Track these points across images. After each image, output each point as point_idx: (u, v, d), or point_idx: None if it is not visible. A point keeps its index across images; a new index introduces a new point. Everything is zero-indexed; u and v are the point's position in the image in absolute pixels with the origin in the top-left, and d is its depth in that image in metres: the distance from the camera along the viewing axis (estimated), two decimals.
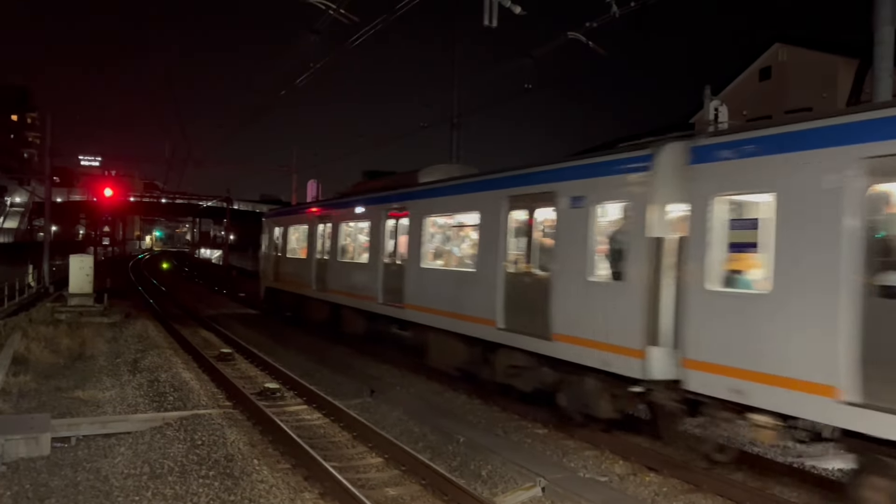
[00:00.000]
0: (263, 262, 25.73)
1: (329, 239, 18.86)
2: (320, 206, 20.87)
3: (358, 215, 17.59)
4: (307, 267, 19.98)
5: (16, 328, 18.56)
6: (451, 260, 13.69)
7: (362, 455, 9.19)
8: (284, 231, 23.26)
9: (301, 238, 21.67)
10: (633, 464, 8.91)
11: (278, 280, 23.35)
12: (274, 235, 24.49)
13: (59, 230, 75.84)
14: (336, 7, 13.34)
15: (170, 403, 11.51)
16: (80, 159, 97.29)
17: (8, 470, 7.91)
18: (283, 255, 23.17)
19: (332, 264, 18.36)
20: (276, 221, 24.77)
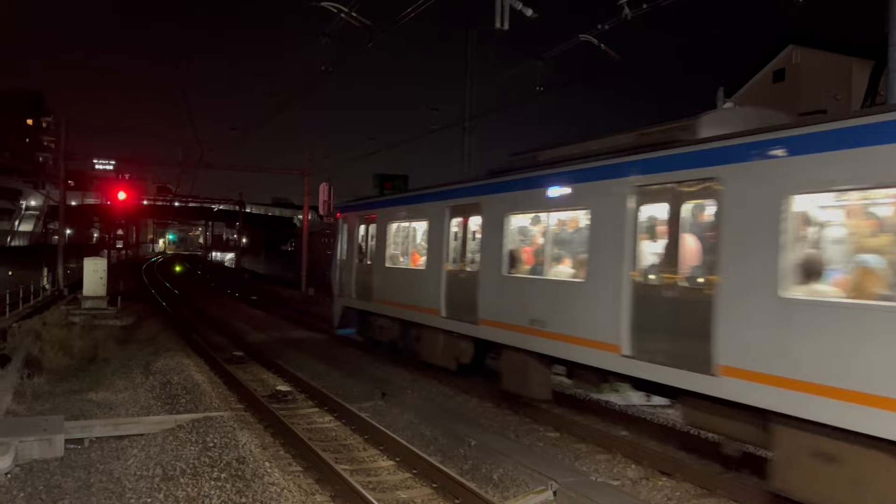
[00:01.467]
0: (340, 273, 18.59)
1: (484, 240, 12.20)
2: (463, 191, 13.30)
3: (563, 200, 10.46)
4: (426, 281, 13.83)
5: (30, 331, 18.72)
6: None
7: (374, 458, 9.18)
8: (380, 230, 16.40)
9: (414, 238, 15.34)
10: (646, 468, 8.85)
11: (368, 297, 16.55)
12: (357, 236, 17.73)
13: (74, 233, 76.48)
14: (347, 10, 13.38)
15: (182, 406, 11.55)
16: (94, 163, 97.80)
17: (21, 471, 7.96)
18: (376, 264, 16.48)
19: (490, 280, 11.79)
20: (362, 217, 17.62)
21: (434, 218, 13.69)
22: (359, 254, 17.53)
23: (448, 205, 13.19)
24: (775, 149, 7.00)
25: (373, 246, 16.78)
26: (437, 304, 13.19)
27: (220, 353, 17.31)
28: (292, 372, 14.60)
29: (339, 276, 18.65)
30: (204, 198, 75.87)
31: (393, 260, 15.88)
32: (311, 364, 16.15)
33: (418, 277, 14.30)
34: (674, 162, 8.29)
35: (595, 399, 12.29)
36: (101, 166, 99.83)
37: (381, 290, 15.95)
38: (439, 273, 13.27)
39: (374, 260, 16.51)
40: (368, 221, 17.12)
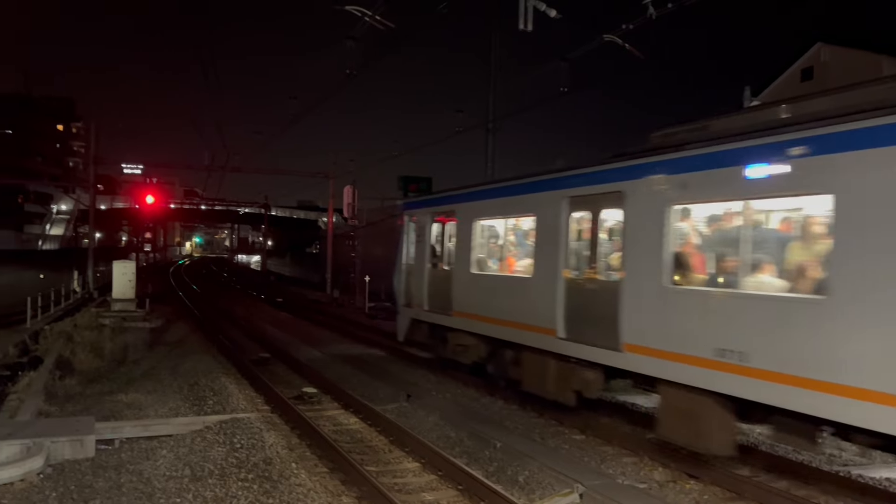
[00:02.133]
0: (406, 280, 15.89)
1: (629, 240, 9.24)
2: (595, 176, 10.20)
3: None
4: (531, 292, 11.22)
5: (62, 333, 19.05)
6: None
7: (399, 460, 9.20)
8: (462, 228, 13.66)
9: (512, 238, 12.71)
10: (673, 471, 8.76)
11: (446, 310, 13.83)
12: (429, 237, 14.99)
13: (103, 237, 77.71)
14: (371, 14, 13.46)
15: (209, 407, 11.69)
16: (123, 167, 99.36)
17: (54, 471, 8.10)
18: (457, 270, 13.69)
19: (642, 293, 8.91)
20: (436, 214, 14.86)
21: (544, 212, 11.00)
22: (432, 257, 14.82)
23: (567, 195, 10.44)
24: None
25: (451, 248, 14.23)
26: (549, 321, 10.51)
27: (247, 354, 17.47)
28: (318, 373, 14.70)
29: (404, 284, 15.95)
30: (230, 201, 76.76)
31: (481, 265, 13.13)
32: (336, 366, 16.24)
33: (520, 287, 11.66)
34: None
35: (621, 401, 12.20)
36: (129, 170, 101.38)
37: (463, 301, 13.27)
38: (553, 282, 10.52)
39: (455, 265, 13.84)
40: (445, 219, 14.52)
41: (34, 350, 17.11)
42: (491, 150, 29.28)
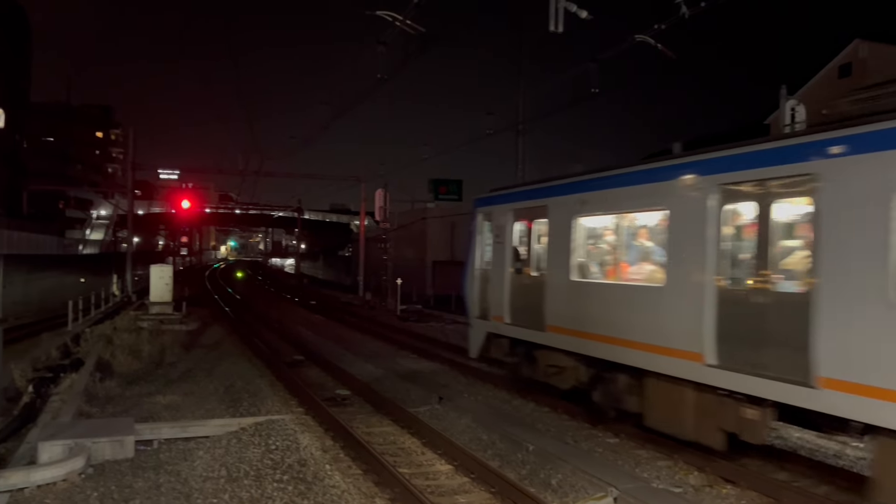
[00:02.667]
0: (481, 287, 13.86)
1: (826, 239, 7.12)
2: (767, 155, 7.87)
3: None
4: (660, 306, 9.11)
5: (101, 336, 19.46)
6: None
7: (431, 462, 9.23)
8: (556, 227, 11.55)
9: (630, 238, 10.40)
10: (709, 475, 8.64)
11: (535, 324, 11.78)
12: (511, 236, 12.92)
13: (141, 241, 79.17)
14: (402, 19, 13.54)
15: (244, 408, 11.85)
16: (160, 173, 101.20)
17: (95, 471, 8.28)
18: (551, 276, 11.55)
19: (850, 308, 6.81)
20: (521, 210, 12.80)
21: (683, 205, 8.78)
22: (514, 261, 12.76)
23: (716, 182, 8.26)
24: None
25: (540, 250, 12.14)
26: (691, 342, 8.33)
27: (281, 357, 17.67)
28: (351, 375, 14.81)
29: (478, 293, 13.92)
30: (264, 205, 77.58)
31: (584, 271, 10.93)
32: (369, 368, 16.33)
33: (645, 299, 9.48)
34: None
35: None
36: (165, 176, 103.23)
37: (560, 314, 11.15)
38: (698, 293, 8.32)
39: (548, 271, 11.71)
40: (531, 216, 12.37)
41: (75, 352, 17.51)
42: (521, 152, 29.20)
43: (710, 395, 8.29)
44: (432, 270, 41.79)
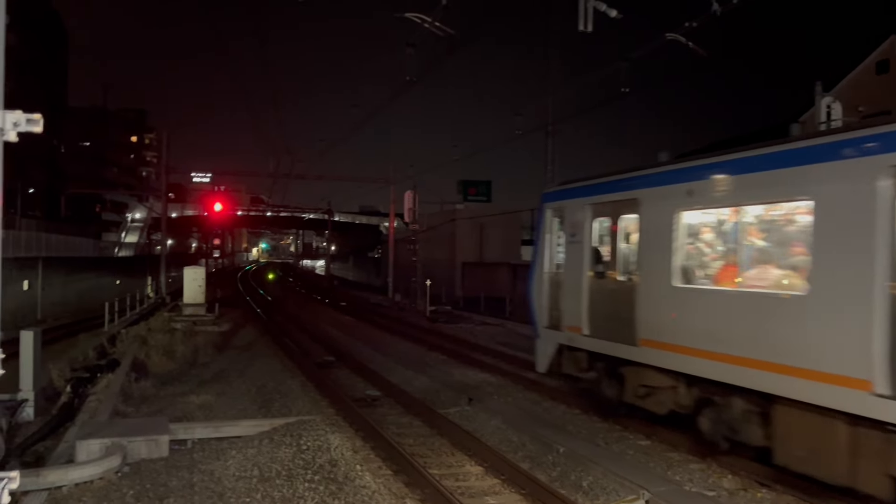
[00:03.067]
0: (551, 293, 12.26)
1: None
2: None
3: None
4: (814, 320, 7.32)
5: (136, 337, 19.82)
6: None
7: (462, 463, 9.23)
8: (651, 223, 9.93)
9: (751, 237, 8.66)
10: (743, 479, 8.51)
11: (625, 337, 10.09)
12: (588, 235, 11.32)
13: (174, 243, 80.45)
14: (431, 21, 13.57)
15: (276, 409, 11.97)
16: (193, 176, 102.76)
17: (131, 470, 8.43)
18: (645, 281, 9.94)
19: None
20: (601, 204, 11.21)
21: (835, 194, 7.16)
22: (595, 263, 11.19)
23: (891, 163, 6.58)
24: None
25: (628, 250, 10.60)
26: (850, 365, 6.78)
27: (312, 357, 17.81)
28: (381, 376, 14.87)
29: (547, 298, 12.29)
30: (294, 207, 78.34)
31: (688, 276, 9.26)
32: (399, 369, 16.39)
33: (778, 309, 7.73)
34: None
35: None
36: (198, 179, 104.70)
37: (657, 325, 9.52)
38: (860, 304, 6.73)
39: (641, 274, 9.96)
40: (617, 210, 10.74)
41: (111, 353, 17.85)
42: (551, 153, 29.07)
43: (877, 433, 6.64)
44: (461, 272, 41.80)
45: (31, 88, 51.83)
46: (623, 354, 10.15)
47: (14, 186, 42.56)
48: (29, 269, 32.48)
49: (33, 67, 52.57)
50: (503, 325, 26.72)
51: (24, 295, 31.61)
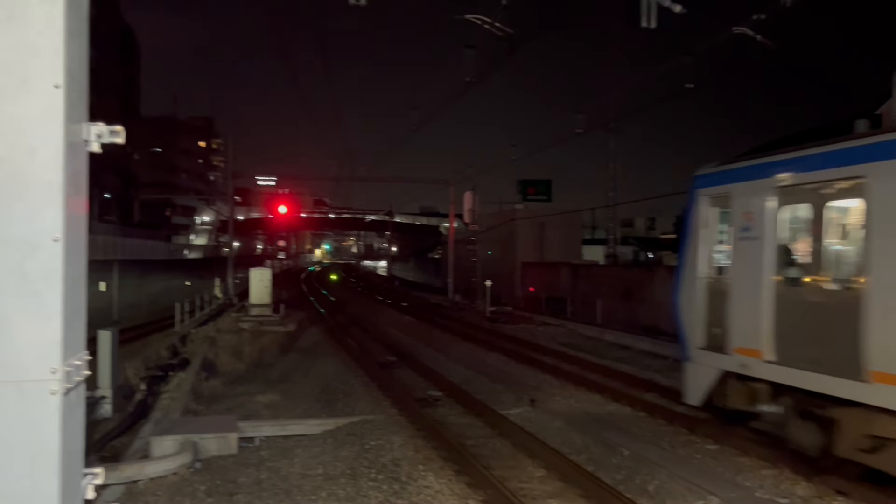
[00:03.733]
0: (711, 303, 9.89)
1: None
2: None
3: None
4: None
5: (206, 337, 20.44)
6: None
7: (524, 464, 9.18)
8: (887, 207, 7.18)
9: None
10: (818, 486, 8.21)
11: (834, 366, 7.56)
12: (775, 228, 8.78)
13: (241, 245, 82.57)
14: (490, 21, 13.57)
15: (339, 408, 12.16)
16: (258, 180, 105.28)
17: (202, 466, 8.70)
18: (885, 290, 7.07)
19: None
20: (790, 185, 8.63)
21: None
22: (784, 265, 8.70)
23: None
24: None
25: (847, 249, 8.26)
26: None
27: (374, 357, 18.02)
28: (442, 376, 14.93)
29: (703, 310, 9.98)
30: (356, 209, 79.50)
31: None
32: (459, 370, 16.42)
33: None
34: None
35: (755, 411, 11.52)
36: (263, 182, 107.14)
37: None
38: None
39: (875, 281, 7.27)
40: (824, 195, 8.23)
41: (182, 352, 18.45)
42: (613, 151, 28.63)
43: None
44: (521, 272, 41.62)
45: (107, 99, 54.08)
46: (837, 391, 7.54)
47: (92, 193, 44.40)
48: (106, 271, 33.90)
49: (109, 79, 54.84)
50: (564, 326, 26.49)
51: (101, 296, 33.01)
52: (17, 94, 1.63)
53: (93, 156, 1.94)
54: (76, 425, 1.75)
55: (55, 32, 1.63)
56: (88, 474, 1.90)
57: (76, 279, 1.73)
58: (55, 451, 1.61)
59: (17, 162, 1.63)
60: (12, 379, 1.60)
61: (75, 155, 1.74)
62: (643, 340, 20.81)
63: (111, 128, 1.85)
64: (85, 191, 1.85)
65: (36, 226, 1.63)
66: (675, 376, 15.65)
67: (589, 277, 33.62)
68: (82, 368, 1.78)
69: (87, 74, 1.80)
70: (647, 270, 31.26)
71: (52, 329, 1.63)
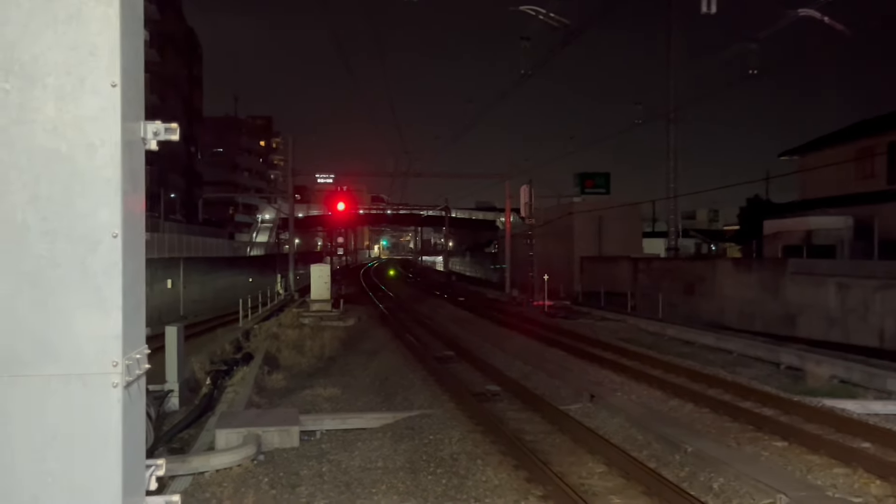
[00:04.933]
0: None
1: None
2: None
3: None
4: None
5: (268, 332, 20.88)
6: None
7: (584, 460, 9.07)
8: None
9: None
10: (894, 485, 7.86)
11: None
12: None
13: (301, 242, 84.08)
14: (546, 12, 13.42)
15: (398, 402, 12.25)
16: (317, 177, 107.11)
17: (265, 458, 8.88)
18: None
19: None
20: None
21: None
22: None
23: None
24: None
25: None
26: None
27: (431, 352, 18.09)
28: (500, 371, 14.89)
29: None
30: (413, 205, 79.95)
31: None
32: (517, 365, 16.34)
33: None
34: None
35: (829, 407, 11.14)
36: (322, 180, 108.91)
37: None
38: None
39: None
40: None
41: (246, 347, 18.91)
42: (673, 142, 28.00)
43: None
44: (580, 266, 41.15)
45: (171, 100, 55.73)
46: None
47: (157, 192, 45.99)
48: (172, 268, 35.01)
49: (172, 81, 56.49)
50: (624, 321, 26.07)
51: (168, 293, 34.12)
52: (76, 93, 1.67)
53: (158, 156, 1.98)
54: (137, 418, 1.79)
55: (111, 32, 1.66)
56: (151, 466, 1.93)
57: (135, 274, 1.76)
58: (117, 442, 1.65)
59: (78, 160, 1.67)
60: (76, 372, 1.64)
61: (132, 152, 1.77)
62: (706, 335, 20.32)
63: (167, 125, 1.88)
64: (142, 188, 1.88)
65: (96, 222, 1.67)
66: (739, 371, 15.26)
67: (649, 271, 33.00)
68: (143, 362, 1.82)
69: (142, 73, 1.84)
70: (709, 263, 30.49)
71: (113, 323, 1.66)
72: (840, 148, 30.35)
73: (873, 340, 18.78)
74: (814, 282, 21.47)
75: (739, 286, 24.84)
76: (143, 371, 1.82)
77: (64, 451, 1.63)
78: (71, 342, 1.64)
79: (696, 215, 76.73)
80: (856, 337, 19.39)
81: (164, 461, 1.99)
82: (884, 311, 18.78)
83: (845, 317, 20.14)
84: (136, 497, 1.78)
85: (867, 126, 31.18)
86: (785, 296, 22.57)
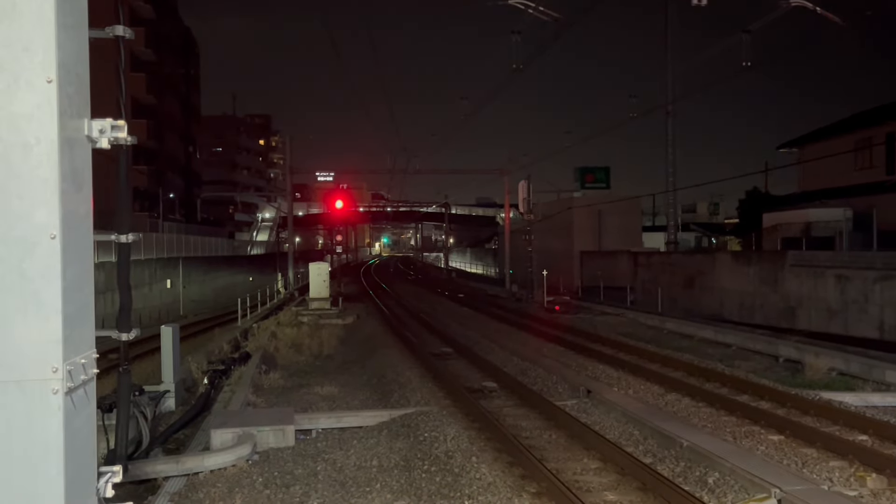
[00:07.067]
0: None
1: None
2: None
3: None
4: None
5: (267, 331, 20.85)
6: None
7: (579, 456, 9.03)
8: None
9: None
10: (890, 478, 7.82)
11: None
12: None
13: (301, 241, 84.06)
14: (535, 6, 13.35)
15: (394, 400, 12.21)
16: (317, 175, 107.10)
17: (260, 458, 8.85)
18: None
19: None
20: None
21: None
22: None
23: None
24: None
25: None
26: None
27: (429, 349, 18.06)
28: (498, 367, 14.85)
29: None
30: (413, 202, 79.96)
31: None
32: (515, 360, 16.30)
33: None
34: None
35: (826, 399, 11.09)
36: (322, 178, 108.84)
37: None
38: None
39: None
40: None
41: (244, 346, 18.88)
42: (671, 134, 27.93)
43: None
44: (579, 261, 41.11)
45: (169, 101, 55.64)
46: None
47: (156, 192, 45.94)
48: (171, 268, 34.97)
49: (169, 80, 56.36)
50: (624, 315, 26.02)
51: (167, 293, 34.10)
52: (10, 90, 1.61)
53: (156, 155, 1.91)
54: (84, 424, 1.74)
55: (47, 26, 1.59)
56: (107, 473, 1.88)
57: (79, 276, 1.71)
58: (58, 449, 1.60)
59: (13, 159, 1.61)
60: (13, 378, 1.59)
61: (74, 151, 1.71)
62: (705, 329, 20.28)
63: (114, 122, 1.81)
64: (88, 187, 1.82)
65: (33, 223, 1.61)
66: (738, 364, 15.22)
67: (649, 265, 32.96)
68: (90, 367, 1.76)
69: (86, 68, 1.77)
70: (709, 257, 30.41)
71: (53, 327, 1.60)
72: (838, 139, 30.28)
73: (873, 332, 18.73)
74: (813, 274, 21.42)
75: (739, 279, 24.79)
76: (90, 376, 1.77)
77: (1, 459, 1.58)
78: (9, 348, 1.59)
79: (696, 208, 76.61)
80: (855, 328, 19.35)
81: (120, 468, 1.94)
82: (883, 302, 18.73)
83: (845, 308, 20.09)
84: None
85: (865, 117, 31.11)
86: (784, 288, 22.52)
